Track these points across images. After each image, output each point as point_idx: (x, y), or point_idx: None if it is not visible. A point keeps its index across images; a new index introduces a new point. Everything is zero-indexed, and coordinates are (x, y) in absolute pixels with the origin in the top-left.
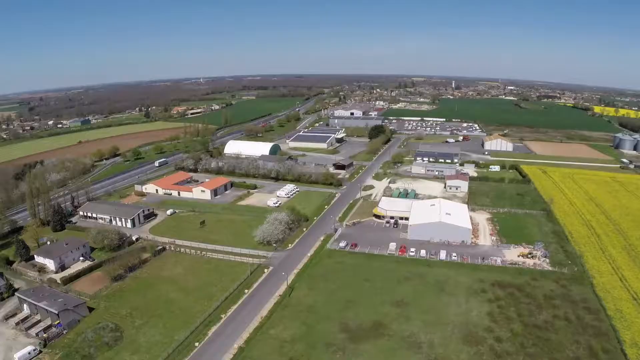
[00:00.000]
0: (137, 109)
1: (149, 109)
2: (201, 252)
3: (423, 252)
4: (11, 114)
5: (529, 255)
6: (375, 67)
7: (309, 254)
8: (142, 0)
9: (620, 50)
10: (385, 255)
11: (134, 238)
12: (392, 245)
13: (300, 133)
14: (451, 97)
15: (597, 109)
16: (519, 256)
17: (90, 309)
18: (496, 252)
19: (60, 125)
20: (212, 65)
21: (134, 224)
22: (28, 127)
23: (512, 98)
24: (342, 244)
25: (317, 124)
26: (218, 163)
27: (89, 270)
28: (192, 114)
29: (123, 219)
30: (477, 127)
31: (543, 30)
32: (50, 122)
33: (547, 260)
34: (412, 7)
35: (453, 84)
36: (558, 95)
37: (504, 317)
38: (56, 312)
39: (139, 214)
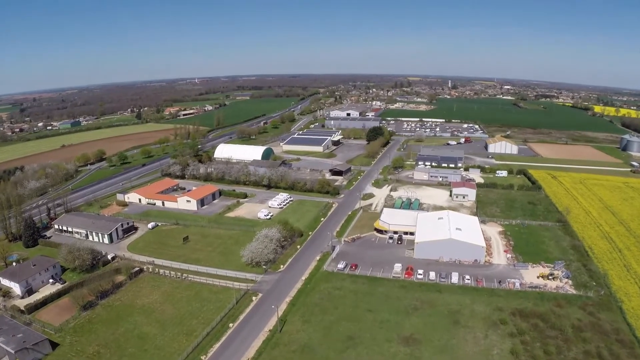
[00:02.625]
0: (129, 110)
1: (141, 109)
2: (182, 275)
3: (432, 275)
4: (1, 115)
5: (550, 277)
6: (370, 66)
7: (303, 278)
8: (139, 2)
9: (616, 50)
10: (389, 278)
11: (109, 257)
12: (398, 267)
13: (295, 136)
14: (448, 97)
15: (597, 109)
16: (538, 277)
17: (55, 345)
18: (513, 272)
19: (49, 127)
20: (208, 65)
21: (111, 240)
22: (17, 129)
23: (509, 98)
24: (340, 265)
25: (312, 125)
26: (207, 169)
27: (57, 296)
28: (184, 115)
29: (100, 234)
30: (478, 128)
31: (538, 30)
32: (40, 124)
33: (570, 282)
34: (407, 7)
35: (449, 83)
36: (556, 94)
37: (529, 355)
38: (13, 351)
39: (117, 228)
